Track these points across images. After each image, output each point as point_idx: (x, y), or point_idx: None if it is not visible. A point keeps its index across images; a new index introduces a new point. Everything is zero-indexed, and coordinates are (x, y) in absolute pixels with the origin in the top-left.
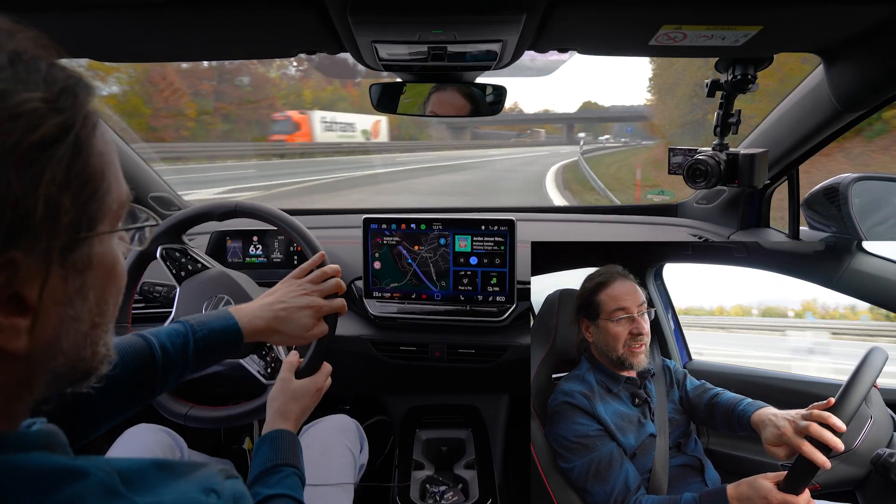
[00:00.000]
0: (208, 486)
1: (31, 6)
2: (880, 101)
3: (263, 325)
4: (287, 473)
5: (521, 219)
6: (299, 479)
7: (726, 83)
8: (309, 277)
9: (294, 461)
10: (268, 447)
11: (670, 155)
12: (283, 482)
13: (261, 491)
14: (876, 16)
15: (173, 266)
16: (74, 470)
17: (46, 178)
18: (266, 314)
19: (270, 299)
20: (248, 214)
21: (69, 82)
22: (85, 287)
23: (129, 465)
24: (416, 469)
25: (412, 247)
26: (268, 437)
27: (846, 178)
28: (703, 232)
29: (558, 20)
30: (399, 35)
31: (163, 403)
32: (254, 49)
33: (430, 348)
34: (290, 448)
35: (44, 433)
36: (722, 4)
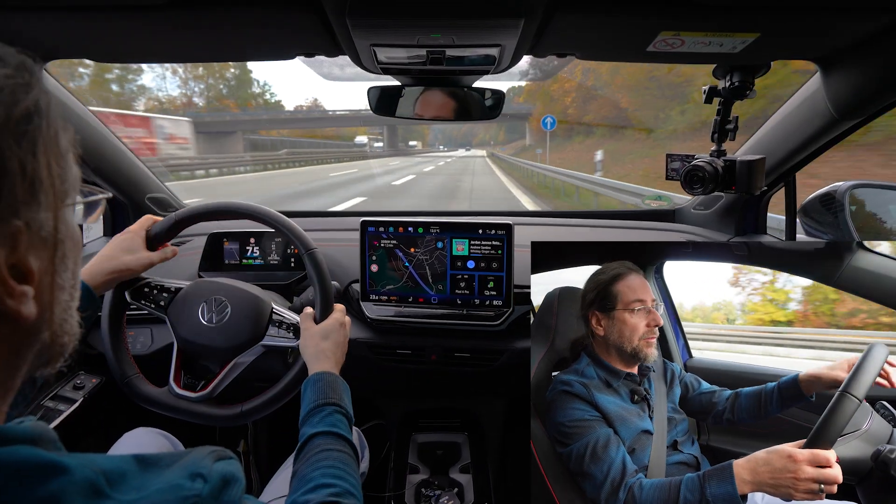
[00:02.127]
0: (194, 470)
1: (30, 6)
2: (877, 109)
3: (105, 270)
4: (328, 412)
5: (519, 223)
6: (342, 415)
7: (724, 90)
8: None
9: (335, 398)
10: (310, 390)
11: (668, 161)
12: (325, 420)
13: (305, 431)
14: (873, 25)
15: (149, 302)
16: (58, 466)
17: (40, 148)
18: (100, 265)
19: (100, 253)
20: (237, 215)
21: (20, 59)
22: (66, 258)
23: (113, 464)
24: (411, 473)
25: (409, 250)
26: (309, 381)
27: (843, 186)
28: (700, 238)
29: (556, 26)
30: (398, 38)
31: (216, 414)
32: (252, 51)
33: (427, 352)
34: (331, 387)
35: (31, 429)
36: (720, 12)
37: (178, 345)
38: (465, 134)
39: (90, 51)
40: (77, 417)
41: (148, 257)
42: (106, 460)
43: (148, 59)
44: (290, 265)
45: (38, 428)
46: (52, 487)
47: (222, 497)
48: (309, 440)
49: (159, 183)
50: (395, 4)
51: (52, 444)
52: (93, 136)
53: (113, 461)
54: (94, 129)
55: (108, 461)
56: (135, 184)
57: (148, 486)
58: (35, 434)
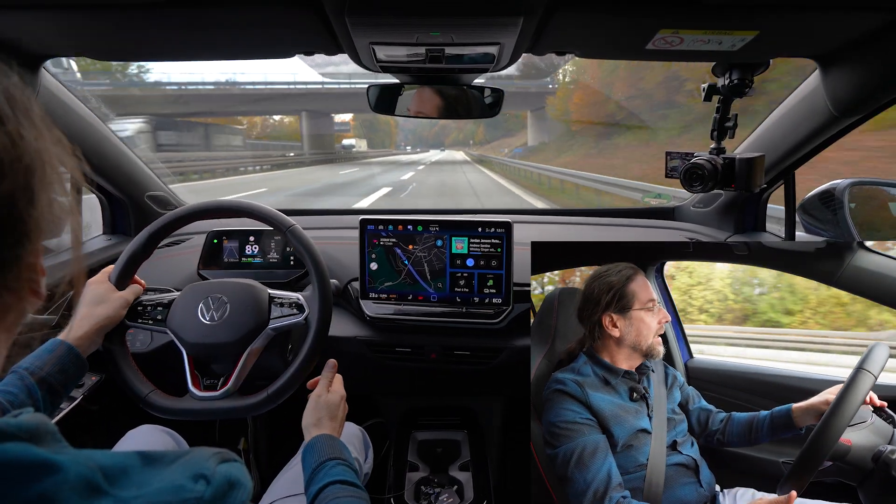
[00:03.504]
0: (197, 471)
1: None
2: (876, 106)
3: (88, 331)
4: (330, 466)
5: (519, 221)
6: (345, 467)
7: (723, 87)
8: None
9: (335, 454)
10: (308, 455)
11: (668, 158)
12: (329, 473)
13: (311, 490)
14: (871, 22)
15: (146, 320)
16: (50, 464)
17: None
18: (81, 329)
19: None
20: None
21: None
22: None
23: (113, 461)
24: (410, 471)
25: (408, 248)
26: (306, 449)
27: (842, 183)
28: (700, 235)
29: (556, 24)
30: (397, 37)
31: (244, 405)
32: (252, 50)
33: (426, 350)
34: (328, 446)
35: (26, 423)
36: (718, 10)
37: (188, 351)
38: (437, 133)
39: (89, 49)
40: (77, 415)
41: (122, 298)
42: (105, 456)
43: (147, 57)
44: (290, 263)
45: (35, 420)
46: (45, 486)
47: (225, 501)
48: (321, 491)
49: (159, 181)
50: (395, 3)
51: (49, 436)
52: (93, 134)
53: (114, 457)
54: (94, 128)
55: (108, 457)
56: (135, 182)
57: (149, 483)
58: (30, 427)
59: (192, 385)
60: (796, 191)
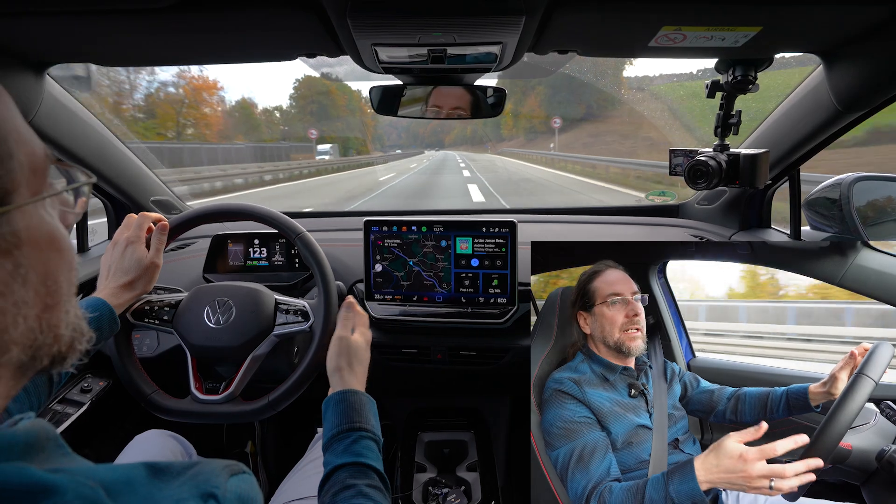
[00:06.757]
0: (207, 490)
1: (32, 10)
2: (880, 101)
3: (116, 284)
4: (354, 438)
5: (523, 220)
6: (370, 440)
7: (726, 84)
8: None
9: (360, 422)
10: (332, 412)
11: (671, 156)
12: (351, 448)
13: (330, 460)
14: (875, 17)
15: (152, 319)
16: (48, 487)
17: None
18: (113, 281)
19: (111, 272)
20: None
21: None
22: (21, 268)
23: (117, 475)
24: (417, 471)
25: (413, 249)
26: (329, 402)
27: (847, 178)
28: (705, 233)
29: (558, 22)
30: (399, 38)
31: (245, 410)
32: (254, 53)
33: (432, 351)
34: (355, 409)
35: (25, 435)
36: (721, 6)
37: (192, 353)
38: (435, 131)
39: (93, 55)
40: (85, 420)
41: (156, 267)
42: (108, 471)
43: (150, 62)
44: (295, 266)
45: (35, 429)
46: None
47: None
48: (333, 473)
49: (163, 186)
50: (396, 3)
51: (51, 444)
52: (97, 139)
53: (117, 471)
54: (98, 133)
55: (112, 471)
56: (139, 187)
57: (155, 498)
58: (29, 440)
59: (195, 388)
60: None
